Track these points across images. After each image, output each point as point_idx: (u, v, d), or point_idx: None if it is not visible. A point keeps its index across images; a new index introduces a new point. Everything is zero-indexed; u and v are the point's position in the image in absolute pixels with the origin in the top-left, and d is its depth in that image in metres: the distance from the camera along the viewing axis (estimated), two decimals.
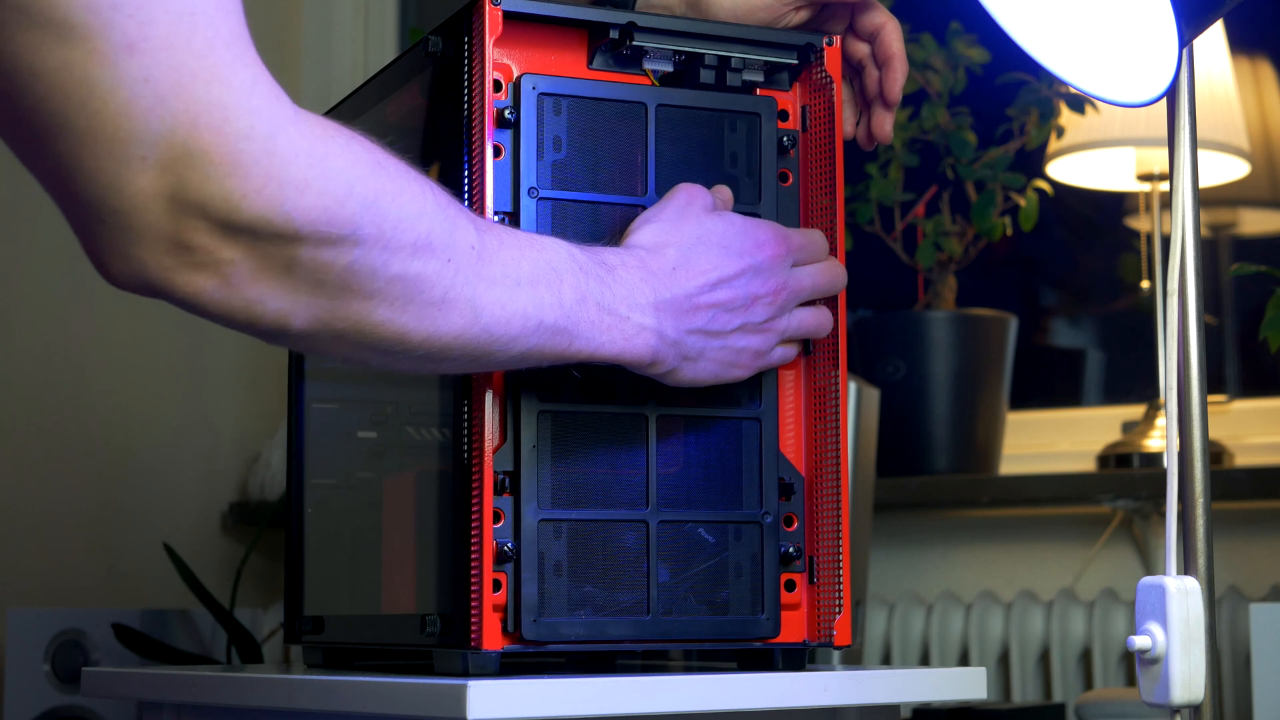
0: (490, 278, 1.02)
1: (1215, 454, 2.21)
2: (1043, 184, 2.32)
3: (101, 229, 0.88)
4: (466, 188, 1.15)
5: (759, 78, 1.24)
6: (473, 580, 1.12)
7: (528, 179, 1.16)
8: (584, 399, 1.16)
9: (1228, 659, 2.10)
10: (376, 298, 0.96)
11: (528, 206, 1.16)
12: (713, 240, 1.15)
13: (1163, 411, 2.23)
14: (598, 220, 1.18)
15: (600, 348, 1.09)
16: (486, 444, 1.13)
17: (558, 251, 1.08)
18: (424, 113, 1.24)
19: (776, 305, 1.17)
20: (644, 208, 1.19)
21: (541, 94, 1.17)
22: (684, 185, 1.18)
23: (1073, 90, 2.21)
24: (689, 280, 1.13)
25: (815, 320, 1.21)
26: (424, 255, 0.98)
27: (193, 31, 0.86)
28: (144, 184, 0.86)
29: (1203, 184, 1.89)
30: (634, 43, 1.19)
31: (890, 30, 1.28)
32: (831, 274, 1.21)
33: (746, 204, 1.22)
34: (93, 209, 0.87)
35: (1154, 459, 2.22)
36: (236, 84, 0.87)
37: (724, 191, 1.20)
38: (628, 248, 1.14)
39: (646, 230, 1.15)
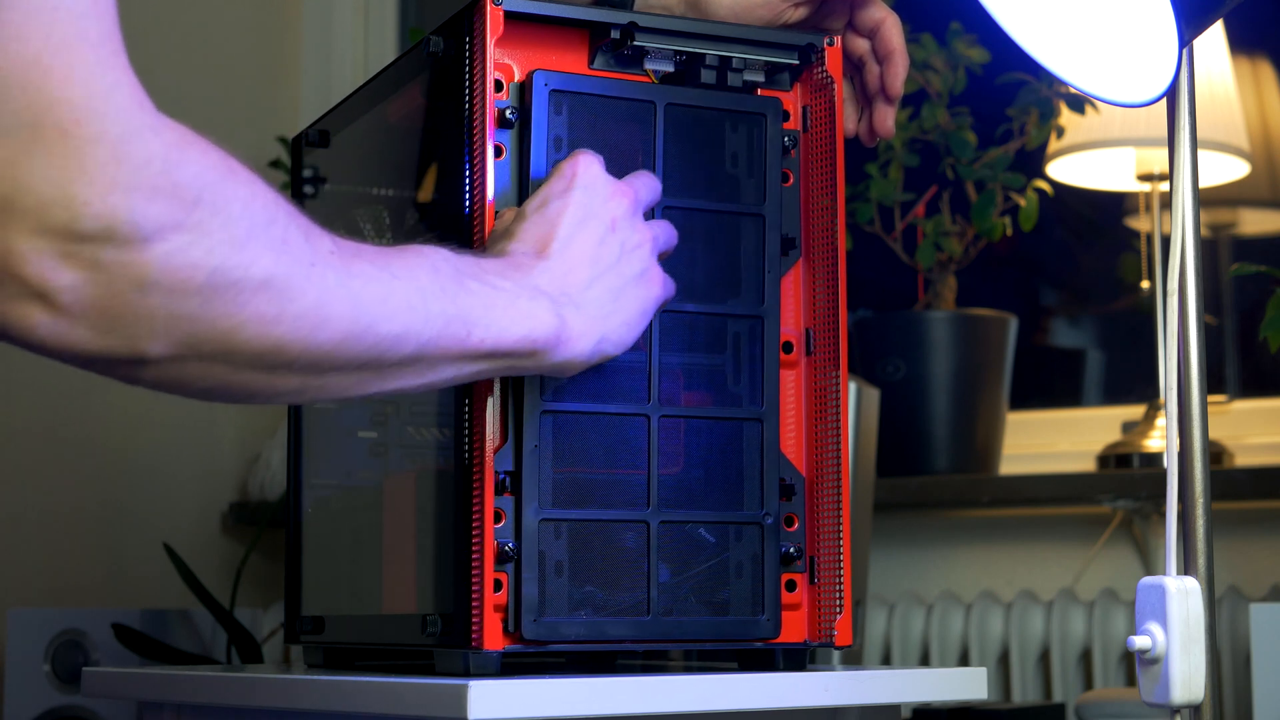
0: (363, 275, 0.95)
1: (1215, 454, 2.21)
2: (1043, 184, 2.32)
3: None
4: (468, 188, 1.15)
5: (760, 78, 1.24)
6: (473, 580, 1.12)
7: (538, 177, 1.16)
8: (585, 399, 1.16)
9: (1228, 659, 2.10)
10: (246, 310, 0.88)
11: None
12: (533, 206, 1.12)
13: (1163, 411, 2.23)
14: None
15: (504, 331, 1.03)
16: (487, 444, 1.13)
17: (418, 248, 1.03)
18: (424, 113, 1.24)
19: (627, 212, 1.13)
20: (652, 207, 1.18)
21: (554, 91, 1.17)
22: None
23: (1073, 90, 2.21)
24: (545, 255, 1.09)
25: (665, 229, 1.16)
26: (287, 260, 0.90)
27: (52, 26, 0.80)
28: None
29: (1203, 184, 1.89)
30: (635, 43, 1.19)
31: (890, 25, 1.28)
32: (651, 181, 1.17)
33: (749, 204, 1.22)
34: None
35: (1154, 459, 2.22)
36: (95, 86, 0.81)
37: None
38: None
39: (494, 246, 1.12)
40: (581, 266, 1.09)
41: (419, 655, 1.23)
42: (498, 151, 1.16)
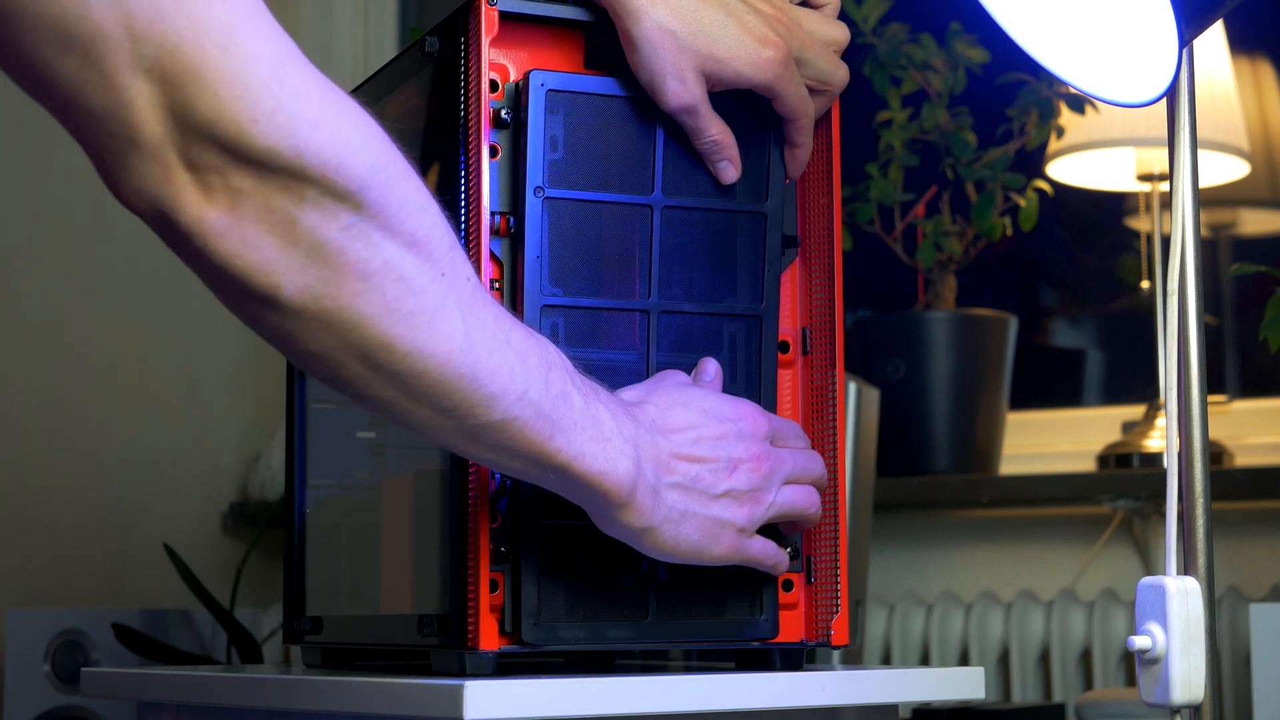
0: (482, 318, 0.96)
1: (1215, 454, 2.21)
2: (1043, 184, 2.32)
3: (112, 142, 0.84)
4: (463, 188, 1.15)
5: None
6: (470, 581, 1.12)
7: (534, 177, 1.15)
8: None
9: (1228, 659, 2.10)
10: (370, 281, 0.90)
11: (533, 205, 1.15)
12: (692, 404, 1.11)
13: (1163, 411, 2.23)
14: (602, 220, 1.17)
15: (581, 455, 1.02)
16: None
17: (547, 343, 1.02)
18: (423, 113, 1.23)
19: (761, 474, 1.12)
20: (650, 207, 1.18)
21: (550, 90, 1.16)
22: (667, 370, 1.16)
23: (1073, 90, 2.21)
24: (667, 434, 1.08)
25: (806, 498, 1.15)
26: (421, 254, 0.92)
27: None
28: (149, 98, 0.83)
29: (1203, 184, 1.89)
30: None
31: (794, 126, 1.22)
32: (813, 459, 1.16)
33: (749, 202, 1.22)
34: (101, 125, 0.84)
35: (1154, 459, 2.22)
36: (240, 6, 0.85)
37: (708, 368, 1.16)
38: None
39: (625, 393, 1.11)
40: (677, 470, 1.08)
41: (416, 655, 1.22)
42: (493, 152, 1.16)
